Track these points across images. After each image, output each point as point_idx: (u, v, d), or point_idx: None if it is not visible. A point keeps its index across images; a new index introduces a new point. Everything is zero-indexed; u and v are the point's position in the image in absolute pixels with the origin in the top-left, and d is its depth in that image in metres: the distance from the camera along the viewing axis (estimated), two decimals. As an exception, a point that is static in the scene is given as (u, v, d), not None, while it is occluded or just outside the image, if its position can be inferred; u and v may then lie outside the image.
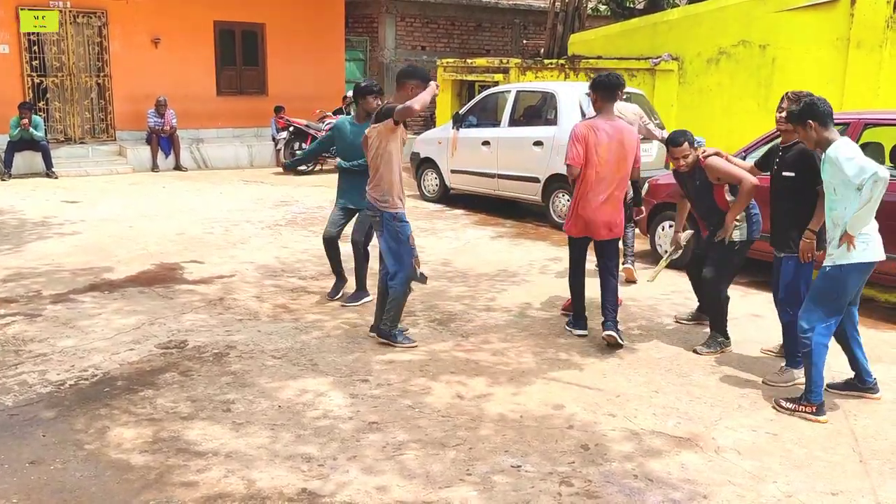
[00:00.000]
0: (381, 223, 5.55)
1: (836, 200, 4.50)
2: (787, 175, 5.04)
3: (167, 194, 12.22)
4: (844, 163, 4.38)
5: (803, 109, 4.57)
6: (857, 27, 10.68)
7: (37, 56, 14.45)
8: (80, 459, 3.95)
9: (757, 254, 6.45)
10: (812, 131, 4.55)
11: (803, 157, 4.95)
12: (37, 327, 5.89)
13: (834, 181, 4.49)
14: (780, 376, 5.13)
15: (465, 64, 14.82)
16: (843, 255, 4.50)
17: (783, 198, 5.11)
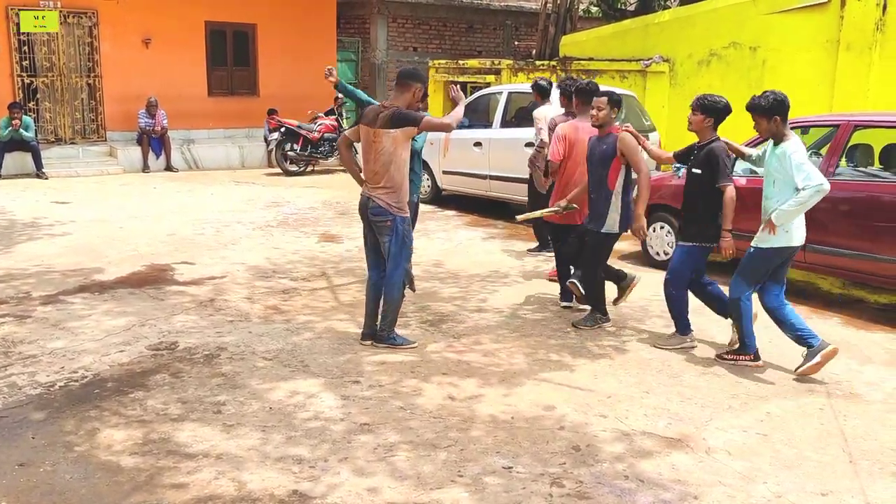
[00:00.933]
0: (392, 228, 5.42)
1: (773, 191, 5.09)
2: (696, 172, 5.47)
3: (158, 195, 12.18)
4: (795, 167, 4.93)
5: (773, 105, 5.04)
6: (846, 29, 10.74)
7: (27, 56, 14.39)
8: (70, 461, 3.94)
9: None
10: (774, 125, 5.08)
11: (710, 157, 5.38)
12: (26, 329, 5.86)
13: (777, 175, 5.05)
14: (669, 340, 5.78)
15: (457, 65, 14.81)
16: (765, 240, 5.16)
17: (691, 192, 5.56)
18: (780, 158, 5.01)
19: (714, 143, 5.43)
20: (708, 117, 5.45)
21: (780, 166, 5.02)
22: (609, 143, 5.82)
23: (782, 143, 5.05)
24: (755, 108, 5.14)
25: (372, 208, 5.43)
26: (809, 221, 6.95)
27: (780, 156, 5.02)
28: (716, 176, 5.34)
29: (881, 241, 6.42)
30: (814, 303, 7.07)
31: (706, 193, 5.42)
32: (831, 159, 6.89)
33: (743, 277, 5.33)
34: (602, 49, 14.20)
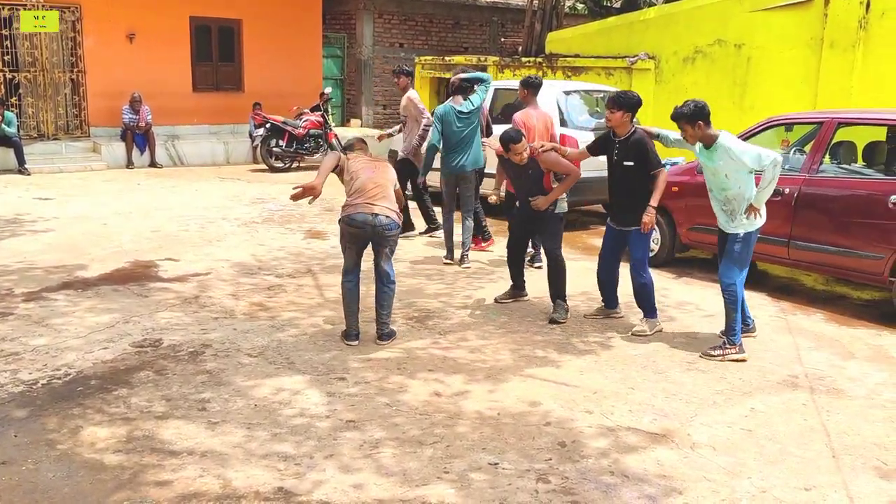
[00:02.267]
0: (395, 239, 5.68)
1: (729, 183, 5.43)
2: (626, 164, 5.80)
3: (142, 191, 12.10)
4: (741, 154, 5.33)
5: (695, 112, 5.38)
6: (830, 27, 10.80)
7: (9, 51, 14.24)
8: (53, 459, 3.91)
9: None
10: (699, 129, 5.41)
11: (639, 148, 5.75)
12: (9, 326, 5.81)
13: (726, 168, 5.40)
14: (644, 326, 5.99)
15: (444, 61, 14.81)
16: (750, 224, 5.51)
17: (624, 182, 5.86)
18: (724, 154, 5.37)
19: (637, 135, 5.80)
20: (626, 112, 5.78)
21: (728, 160, 5.38)
22: (534, 167, 6.19)
23: (718, 141, 5.40)
24: (680, 117, 5.45)
25: (385, 224, 5.47)
26: (794, 218, 7.01)
27: (724, 152, 5.37)
28: (649, 164, 5.75)
29: (864, 237, 6.47)
30: (797, 299, 7.11)
31: (640, 181, 5.78)
32: (815, 156, 6.93)
33: (733, 264, 5.56)
34: (588, 46, 14.23)
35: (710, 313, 6.55)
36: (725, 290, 5.55)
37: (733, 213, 5.52)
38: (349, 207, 5.50)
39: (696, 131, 5.44)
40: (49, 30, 13.97)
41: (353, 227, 5.48)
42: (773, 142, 8.37)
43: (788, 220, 6.88)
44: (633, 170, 5.79)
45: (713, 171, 5.50)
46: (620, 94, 5.88)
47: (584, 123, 10.02)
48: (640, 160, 5.75)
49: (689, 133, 5.47)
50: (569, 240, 9.24)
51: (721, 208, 5.60)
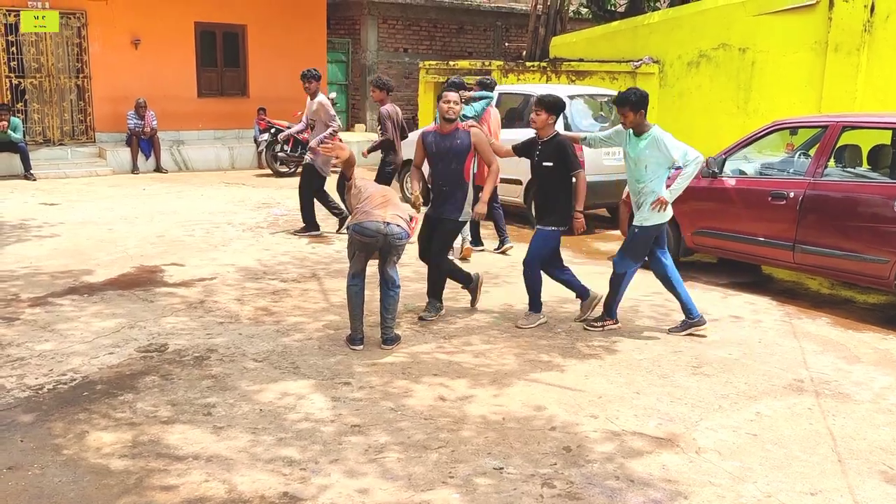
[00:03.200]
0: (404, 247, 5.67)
1: (647, 175, 5.77)
2: (547, 164, 5.98)
3: (147, 196, 12.13)
4: (672, 148, 5.66)
5: (639, 101, 5.68)
6: (835, 31, 10.80)
7: (15, 57, 14.30)
8: (59, 464, 3.92)
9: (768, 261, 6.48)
10: (640, 117, 5.72)
11: (559, 149, 5.94)
12: (15, 331, 5.83)
13: (650, 160, 5.73)
14: (528, 319, 6.21)
15: (448, 66, 14.82)
16: (648, 218, 5.84)
17: (545, 182, 6.06)
18: (653, 145, 5.69)
19: (558, 137, 6.03)
20: (550, 114, 5.96)
21: (654, 151, 5.70)
22: (462, 139, 6.09)
23: (650, 132, 5.73)
24: (625, 102, 5.70)
25: (396, 234, 5.47)
26: (799, 222, 7.01)
27: (653, 142, 5.69)
28: (569, 165, 5.94)
29: (869, 241, 6.45)
30: (802, 303, 7.10)
31: (560, 182, 5.99)
32: (820, 160, 6.92)
33: (629, 255, 6.00)
34: (592, 50, 14.24)
35: (715, 317, 6.54)
36: (616, 275, 6.06)
37: (640, 205, 5.87)
38: (360, 215, 5.50)
39: (637, 118, 5.73)
40: (49, 30, 14.02)
41: (365, 236, 5.45)
42: (778, 145, 8.36)
43: (793, 224, 6.87)
44: (552, 171, 5.99)
45: (635, 160, 5.81)
46: (546, 97, 6.03)
47: (588, 128, 10.01)
48: (559, 161, 5.95)
49: (630, 119, 5.73)
50: (574, 244, 9.24)
51: (633, 200, 5.97)
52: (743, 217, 7.32)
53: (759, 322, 6.48)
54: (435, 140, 6.18)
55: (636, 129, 5.81)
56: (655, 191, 5.79)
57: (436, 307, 6.41)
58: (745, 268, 8.13)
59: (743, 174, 7.62)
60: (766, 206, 7.09)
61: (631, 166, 5.90)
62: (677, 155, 5.68)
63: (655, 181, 5.79)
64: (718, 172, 7.51)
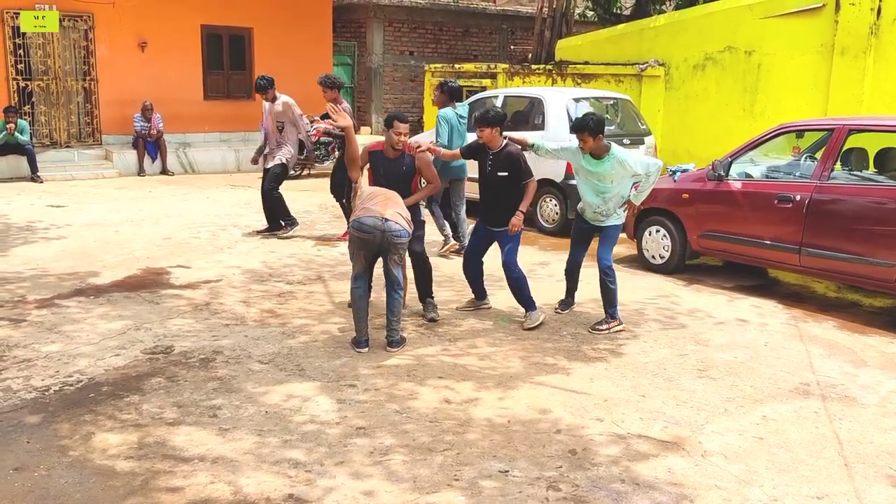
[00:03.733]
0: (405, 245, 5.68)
1: (612, 188, 6.12)
2: (501, 175, 6.16)
3: (153, 199, 12.16)
4: (633, 164, 6.06)
5: (598, 126, 5.95)
6: (841, 34, 10.78)
7: (22, 59, 14.35)
8: (65, 466, 3.93)
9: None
10: (598, 142, 5.99)
11: (511, 160, 6.12)
12: (21, 332, 5.85)
13: (615, 176, 6.08)
14: (530, 320, 6.26)
15: (453, 69, 14.82)
16: (621, 215, 6.30)
17: (499, 190, 6.20)
18: (619, 165, 6.04)
19: (510, 147, 6.18)
20: (495, 128, 6.11)
21: (620, 170, 6.06)
22: (407, 164, 6.14)
23: (610, 154, 6.04)
24: (584, 128, 5.95)
25: (394, 231, 5.47)
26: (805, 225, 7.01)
27: (617, 162, 6.04)
28: (522, 175, 6.11)
29: (876, 244, 6.44)
30: (809, 306, 7.08)
31: (513, 189, 6.16)
32: (826, 163, 6.91)
33: (609, 250, 6.28)
34: (598, 53, 14.23)
35: (721, 320, 6.53)
36: (606, 270, 6.19)
37: (608, 210, 6.21)
38: (359, 211, 5.53)
39: (596, 143, 6.00)
40: (49, 30, 14.04)
41: (363, 231, 5.46)
42: (785, 148, 8.35)
43: (799, 227, 6.86)
44: (506, 179, 6.14)
45: (599, 176, 6.11)
46: (486, 113, 6.16)
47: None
48: (513, 171, 6.10)
49: (590, 144, 6.00)
50: (579, 247, 9.23)
51: (595, 208, 6.24)
52: (749, 220, 7.31)
53: (765, 325, 6.47)
54: (382, 163, 6.17)
55: (595, 153, 6.08)
56: (623, 195, 6.20)
57: (434, 305, 6.45)
58: (751, 271, 8.11)
59: (749, 177, 7.61)
60: (773, 210, 7.08)
61: (593, 181, 6.16)
62: (641, 169, 6.08)
63: (623, 188, 6.18)
64: (724, 175, 7.51)
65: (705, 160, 8.80)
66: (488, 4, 21.89)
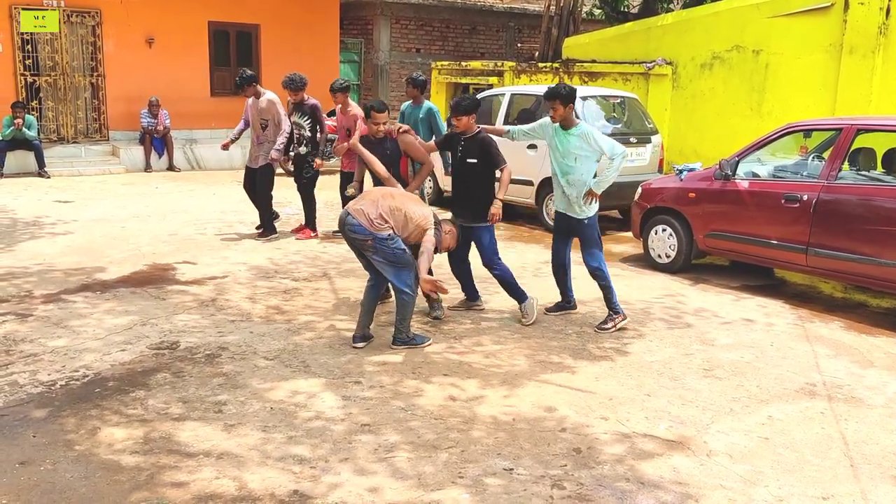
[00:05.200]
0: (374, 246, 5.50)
1: (575, 167, 6.03)
2: (471, 161, 6.11)
3: (160, 195, 12.19)
4: (602, 141, 5.99)
5: (569, 95, 5.92)
6: (849, 33, 10.73)
7: (30, 55, 14.39)
8: (71, 460, 3.94)
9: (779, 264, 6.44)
10: (569, 111, 5.97)
11: (483, 146, 6.08)
12: (28, 327, 5.86)
13: (579, 152, 6.00)
14: (526, 313, 6.27)
15: (460, 67, 14.80)
16: (592, 209, 6.16)
17: (470, 178, 6.16)
18: (583, 138, 5.98)
19: (482, 134, 6.15)
20: (471, 115, 6.12)
21: (584, 144, 5.98)
22: (390, 147, 6.23)
23: (578, 127, 6.01)
24: (556, 96, 5.91)
25: (351, 225, 5.44)
26: (812, 225, 6.98)
27: (583, 136, 5.98)
28: (495, 161, 6.08)
29: (883, 244, 6.41)
30: (815, 306, 7.06)
31: (484, 177, 6.13)
32: (834, 163, 6.88)
33: (594, 247, 6.21)
34: (605, 51, 14.20)
35: (727, 320, 6.52)
36: (595, 273, 6.19)
37: (573, 196, 6.10)
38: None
39: (566, 112, 5.96)
40: (48, 30, 14.10)
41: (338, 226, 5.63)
42: (792, 148, 8.32)
43: (807, 227, 6.83)
44: (476, 167, 6.11)
45: (563, 153, 6.06)
46: (461, 102, 6.14)
47: (600, 129, 9.96)
48: (483, 157, 6.09)
49: (560, 112, 5.95)
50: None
51: (562, 192, 6.16)
52: (756, 220, 7.29)
53: (771, 325, 6.46)
54: (367, 146, 6.25)
55: (564, 124, 6.03)
56: (586, 182, 6.06)
57: (439, 304, 6.42)
58: (758, 271, 8.09)
59: (756, 176, 7.59)
60: (780, 209, 7.06)
61: (559, 158, 6.12)
62: (606, 147, 5.98)
63: (585, 173, 6.06)
64: (731, 175, 7.49)
65: (712, 159, 8.78)
66: (495, 2, 21.86)
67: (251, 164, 9.44)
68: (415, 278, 5.62)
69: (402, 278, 5.57)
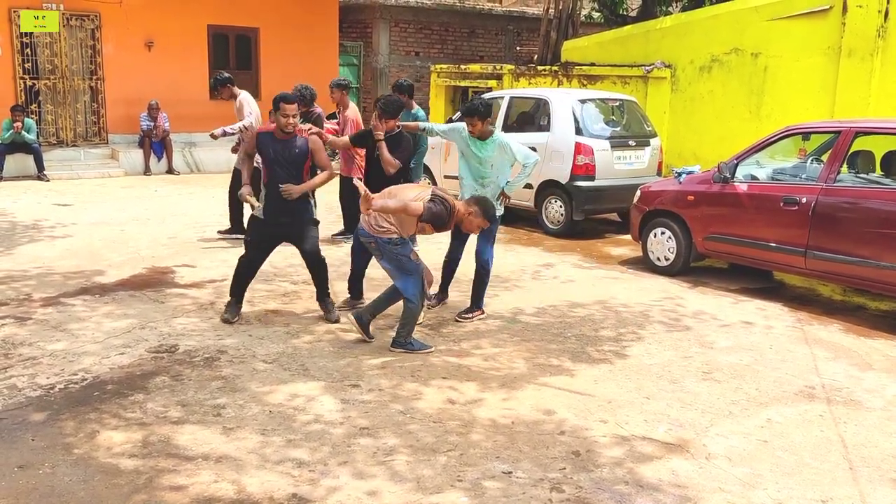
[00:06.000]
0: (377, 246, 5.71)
1: (491, 172, 6.29)
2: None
3: (159, 198, 12.19)
4: (517, 149, 6.27)
5: (486, 110, 6.18)
6: (848, 36, 10.75)
7: (29, 58, 14.40)
8: (70, 464, 3.93)
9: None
10: (486, 125, 6.21)
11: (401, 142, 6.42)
12: (27, 330, 5.86)
13: (496, 161, 6.26)
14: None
15: (459, 70, 14.82)
16: (500, 209, 6.37)
17: (384, 175, 6.42)
18: (500, 148, 6.23)
19: (400, 131, 6.48)
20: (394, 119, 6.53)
21: (501, 153, 6.24)
22: (300, 146, 6.01)
23: (494, 137, 6.27)
24: (474, 112, 6.12)
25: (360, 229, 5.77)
26: (811, 228, 6.98)
27: (499, 146, 6.23)
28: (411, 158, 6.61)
29: (882, 247, 6.42)
30: (814, 309, 7.06)
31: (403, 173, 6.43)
32: (832, 165, 6.89)
33: (490, 243, 6.44)
34: (604, 54, 14.21)
35: (726, 323, 6.52)
36: (485, 265, 6.40)
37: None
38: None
39: (483, 126, 6.20)
40: (49, 30, 14.10)
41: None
42: (791, 151, 8.33)
43: (805, 230, 6.84)
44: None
45: (480, 160, 6.29)
46: (385, 105, 6.48)
47: (599, 132, 10.01)
48: (402, 153, 6.44)
49: (479, 127, 6.17)
50: (585, 248, 9.23)
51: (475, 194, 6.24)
52: (754, 222, 7.29)
53: (770, 328, 6.46)
54: (272, 145, 5.98)
55: (481, 136, 6.25)
56: (500, 185, 6.34)
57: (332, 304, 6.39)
58: (757, 273, 8.09)
59: (755, 179, 7.59)
60: (778, 212, 7.06)
61: (475, 165, 6.34)
62: (521, 157, 6.29)
63: (500, 177, 6.34)
64: (730, 177, 7.49)
65: (711, 162, 8.78)
66: (494, 5, 21.89)
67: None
68: (421, 288, 5.64)
69: (408, 286, 5.62)
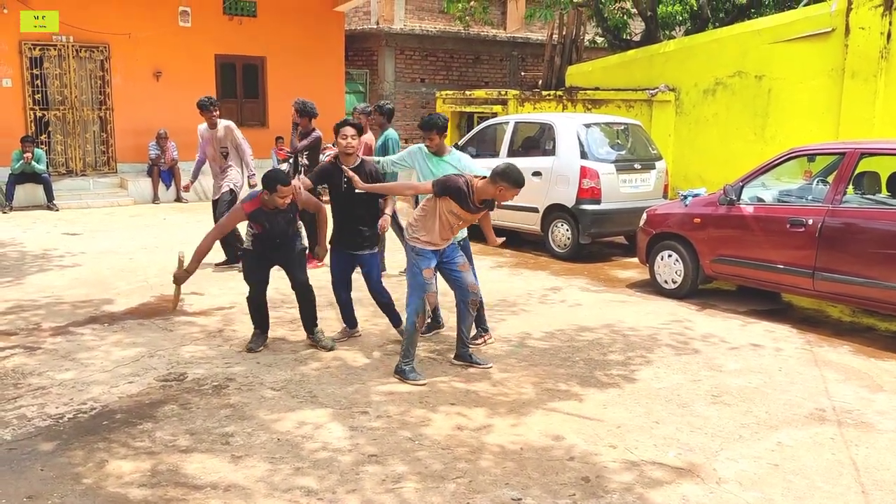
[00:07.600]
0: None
1: None
2: (359, 191, 6.09)
3: (168, 226, 12.26)
4: (473, 167, 6.26)
5: (444, 125, 6.26)
6: (851, 58, 10.79)
7: (39, 90, 14.58)
8: (79, 494, 3.93)
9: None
10: (442, 139, 6.29)
11: (370, 173, 6.19)
12: (36, 360, 5.88)
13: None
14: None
15: (464, 96, 14.93)
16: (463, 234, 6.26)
17: (359, 207, 6.23)
18: (457, 162, 6.29)
19: (363, 161, 6.26)
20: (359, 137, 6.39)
21: (458, 169, 6.16)
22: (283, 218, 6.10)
23: (451, 154, 6.36)
24: (433, 127, 6.21)
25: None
26: (818, 249, 6.95)
27: (457, 161, 6.30)
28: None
29: (890, 268, 6.40)
30: (823, 331, 7.03)
31: (370, 205, 6.26)
32: (838, 187, 6.89)
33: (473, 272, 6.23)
34: (608, 79, 14.30)
35: (735, 345, 6.49)
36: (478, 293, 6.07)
37: None
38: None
39: (440, 141, 6.28)
40: (49, 30, 14.14)
41: None
42: (796, 172, 8.34)
43: (812, 251, 6.83)
44: (363, 195, 6.14)
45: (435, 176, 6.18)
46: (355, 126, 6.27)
47: (604, 156, 10.05)
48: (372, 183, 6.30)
49: (437, 142, 6.26)
50: (592, 272, 9.23)
51: None
52: (761, 244, 7.29)
53: (779, 350, 6.43)
54: (267, 219, 6.03)
55: (439, 151, 6.32)
56: None
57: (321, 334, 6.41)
58: (765, 295, 8.08)
59: (761, 201, 7.60)
60: (785, 234, 7.06)
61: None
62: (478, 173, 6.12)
63: None
64: (736, 200, 7.50)
65: (716, 184, 8.80)
66: (499, 32, 22.06)
67: (216, 197, 9.30)
68: (421, 307, 5.64)
69: (410, 300, 5.68)
